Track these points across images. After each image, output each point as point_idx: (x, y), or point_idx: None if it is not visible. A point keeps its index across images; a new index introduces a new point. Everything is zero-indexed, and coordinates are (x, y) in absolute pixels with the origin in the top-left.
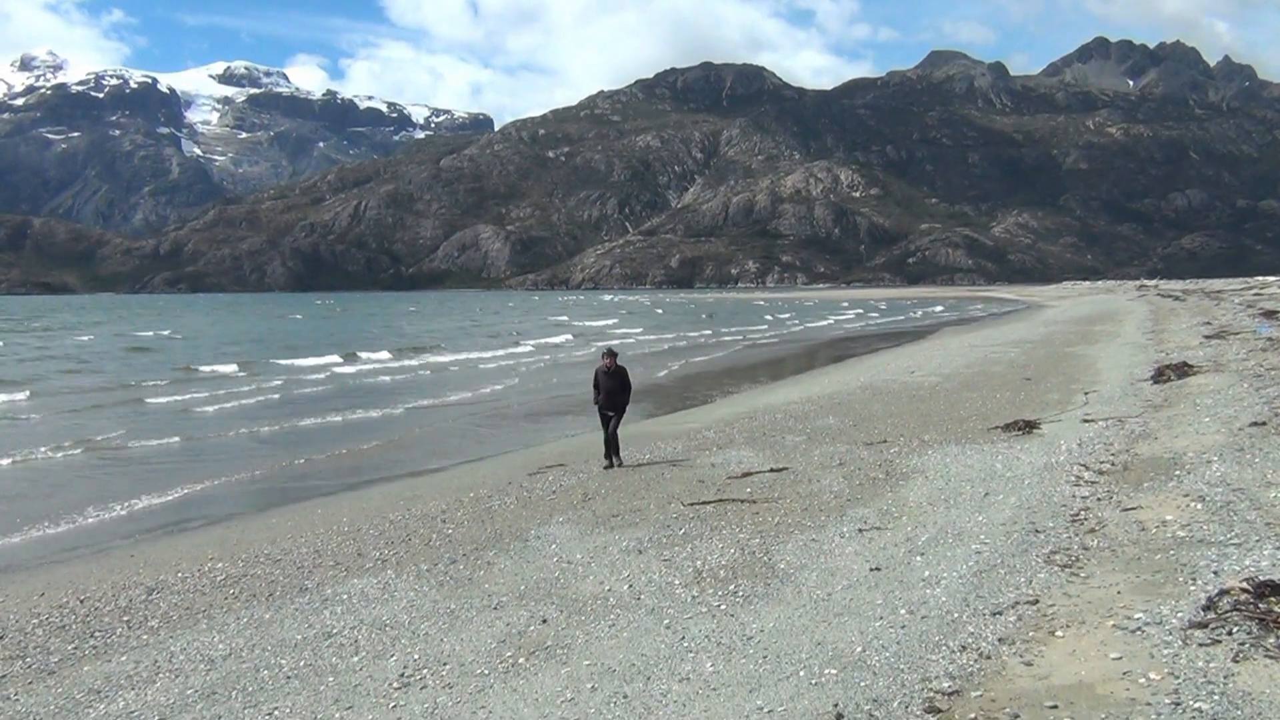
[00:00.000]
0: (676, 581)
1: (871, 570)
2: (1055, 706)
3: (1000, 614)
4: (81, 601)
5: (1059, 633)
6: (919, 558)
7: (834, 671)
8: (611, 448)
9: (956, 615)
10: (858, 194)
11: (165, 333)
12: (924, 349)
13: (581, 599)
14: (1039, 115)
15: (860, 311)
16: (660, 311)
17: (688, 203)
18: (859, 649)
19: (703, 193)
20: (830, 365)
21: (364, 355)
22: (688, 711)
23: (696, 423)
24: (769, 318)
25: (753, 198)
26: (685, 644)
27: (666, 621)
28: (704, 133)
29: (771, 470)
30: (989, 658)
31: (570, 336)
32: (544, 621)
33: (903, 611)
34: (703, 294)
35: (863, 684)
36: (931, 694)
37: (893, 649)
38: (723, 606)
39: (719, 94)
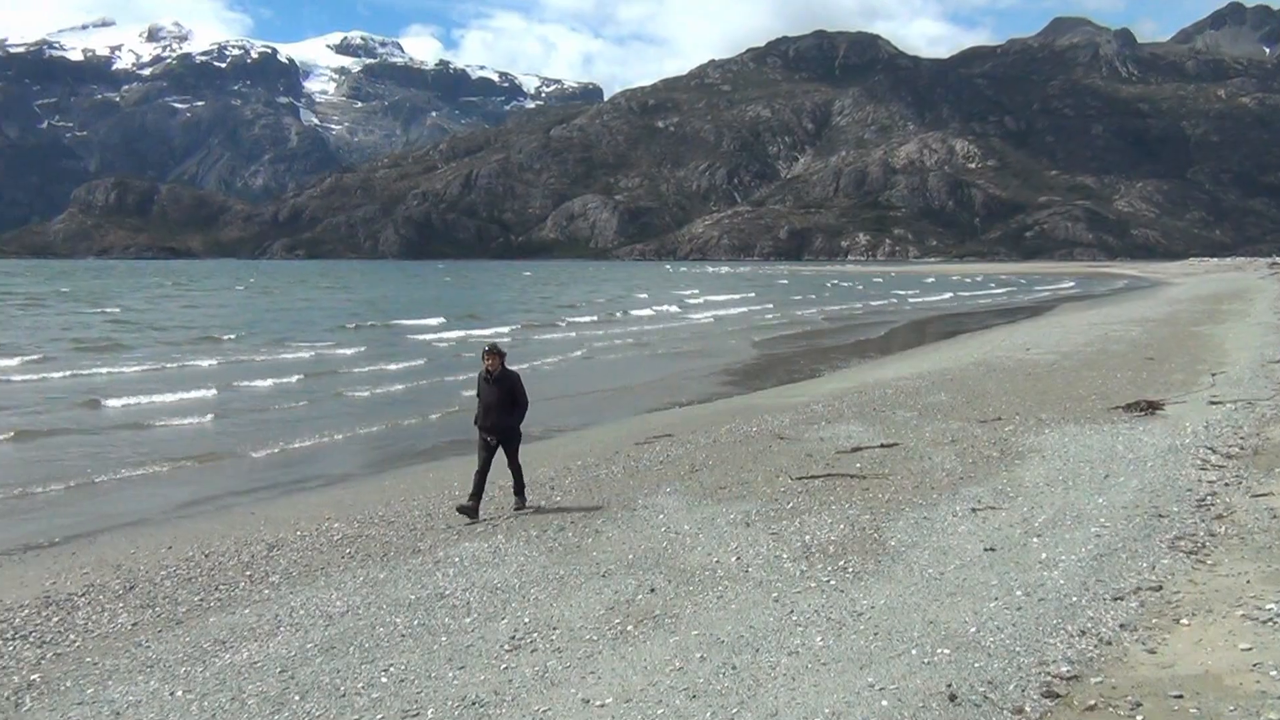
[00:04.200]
0: (785, 555)
1: (986, 550)
2: (1180, 696)
3: (1121, 599)
4: (206, 556)
5: (1184, 621)
6: (1035, 539)
7: (947, 651)
8: (481, 488)
9: (1075, 599)
10: (973, 165)
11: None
12: (1041, 326)
13: (689, 569)
14: (1167, 84)
15: (1071, 285)
16: (861, 287)
17: (798, 173)
18: (973, 630)
19: (813, 163)
20: (941, 341)
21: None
22: (797, 685)
23: (804, 396)
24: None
25: (864, 169)
26: (794, 618)
27: (775, 595)
28: (815, 102)
29: (881, 446)
30: (1110, 644)
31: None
32: (652, 590)
33: (1019, 593)
34: (864, 266)
35: (977, 665)
36: (1049, 678)
37: (1008, 631)
38: (832, 582)
39: (831, 63)
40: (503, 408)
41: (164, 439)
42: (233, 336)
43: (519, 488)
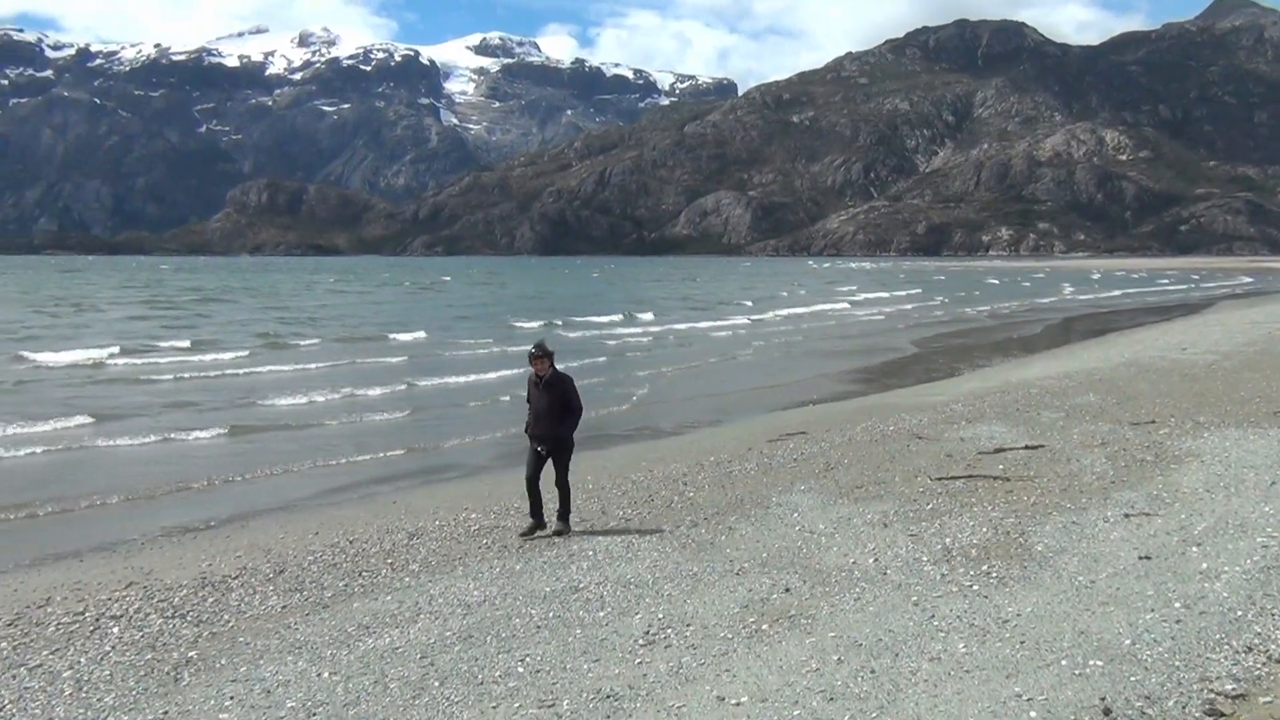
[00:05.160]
0: (924, 558)
1: (1140, 559)
2: None
3: None
4: (350, 542)
5: None
6: (1195, 548)
7: (1100, 663)
8: (536, 499)
9: (1240, 613)
10: (1124, 157)
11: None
12: (1198, 324)
13: (825, 570)
14: None
15: (1250, 281)
16: (1028, 284)
17: (937, 167)
18: (1128, 641)
19: (953, 156)
20: (1090, 339)
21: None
22: (939, 692)
23: (942, 395)
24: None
25: (1007, 161)
26: (935, 623)
27: (914, 598)
28: (956, 94)
29: (1026, 447)
30: None
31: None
32: (787, 590)
33: (1177, 605)
34: (1009, 261)
35: (1133, 679)
36: (1213, 696)
37: (1166, 644)
38: (975, 587)
39: (974, 53)
40: (553, 415)
41: (329, 435)
42: (421, 334)
43: (564, 510)
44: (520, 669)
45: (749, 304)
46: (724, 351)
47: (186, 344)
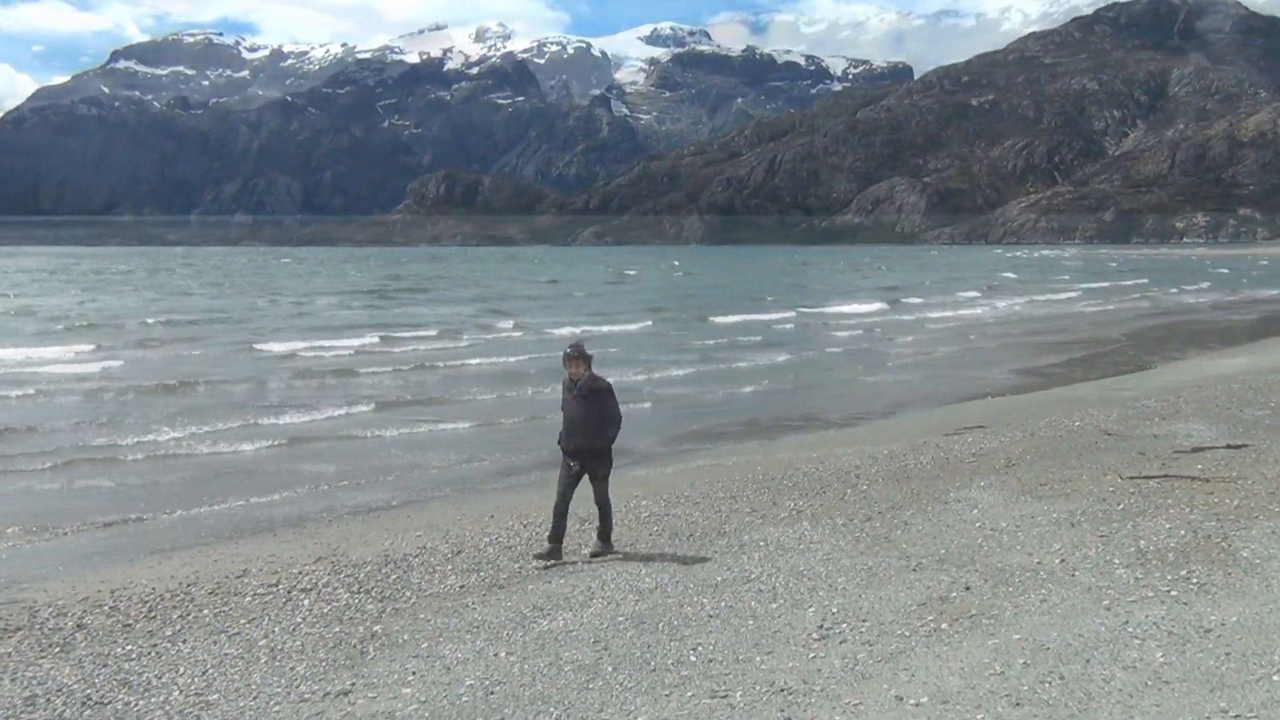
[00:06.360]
0: (1116, 560)
1: None
2: None
3: None
4: (524, 525)
5: None
6: None
7: None
8: (561, 524)
9: None
10: None
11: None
12: None
13: (1008, 569)
14: None
15: None
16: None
17: (1127, 149)
18: None
19: (1145, 138)
20: None
21: None
22: (1135, 703)
23: (1133, 390)
24: None
25: (1205, 142)
26: (1129, 629)
27: (1106, 602)
28: (1149, 71)
29: (1228, 446)
30: None
31: None
32: (967, 589)
33: None
34: (1210, 249)
35: None
36: None
37: None
38: (1173, 593)
39: (1169, 27)
40: (590, 425)
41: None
42: (647, 324)
43: (605, 529)
44: (693, 658)
45: (973, 294)
46: (934, 345)
47: (433, 333)
